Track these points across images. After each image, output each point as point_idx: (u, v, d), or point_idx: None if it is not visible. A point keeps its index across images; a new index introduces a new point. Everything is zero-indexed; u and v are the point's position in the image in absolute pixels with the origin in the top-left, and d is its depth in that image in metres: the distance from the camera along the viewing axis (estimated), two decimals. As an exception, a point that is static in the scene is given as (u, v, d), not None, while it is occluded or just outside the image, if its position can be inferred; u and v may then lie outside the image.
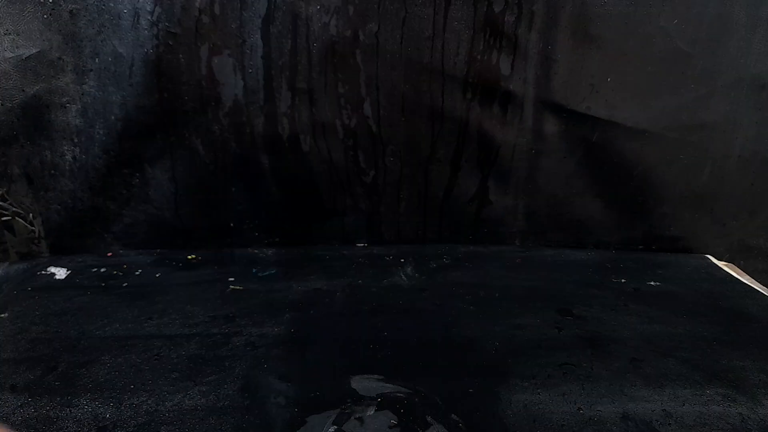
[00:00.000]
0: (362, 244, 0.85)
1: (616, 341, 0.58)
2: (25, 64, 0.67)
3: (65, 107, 0.71)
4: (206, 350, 0.54)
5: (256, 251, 0.81)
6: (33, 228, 0.75)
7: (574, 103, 0.77)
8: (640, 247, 0.88)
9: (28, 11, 0.66)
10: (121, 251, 0.79)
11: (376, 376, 0.51)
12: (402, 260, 0.79)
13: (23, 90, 0.68)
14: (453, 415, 0.46)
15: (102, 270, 0.73)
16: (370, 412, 0.46)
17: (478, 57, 0.74)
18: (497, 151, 0.80)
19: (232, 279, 0.71)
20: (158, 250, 0.80)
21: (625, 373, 0.52)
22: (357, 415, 0.45)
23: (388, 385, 0.49)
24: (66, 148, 0.73)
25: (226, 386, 0.48)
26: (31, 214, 0.75)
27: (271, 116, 0.75)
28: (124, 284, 0.69)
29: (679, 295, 0.71)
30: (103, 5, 0.68)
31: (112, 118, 0.72)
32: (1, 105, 0.68)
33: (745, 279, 0.77)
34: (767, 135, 0.80)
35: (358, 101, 0.76)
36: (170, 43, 0.70)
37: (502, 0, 0.72)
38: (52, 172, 0.73)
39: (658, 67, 0.75)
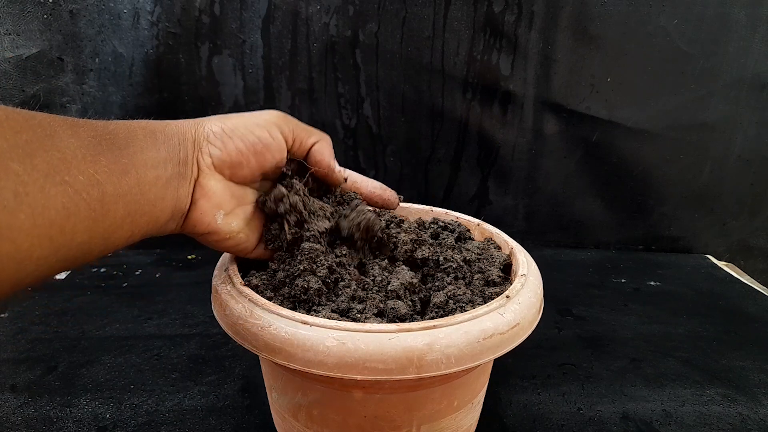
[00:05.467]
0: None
1: (616, 341, 0.58)
2: (25, 64, 0.67)
3: (65, 107, 0.71)
4: (206, 350, 0.54)
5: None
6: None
7: (574, 103, 0.77)
8: (640, 247, 0.88)
9: (28, 11, 0.66)
10: (121, 251, 0.79)
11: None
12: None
13: (23, 90, 0.68)
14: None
15: (102, 270, 0.73)
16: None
17: (478, 57, 0.74)
18: (497, 151, 0.80)
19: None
20: (158, 250, 0.80)
21: (625, 373, 0.52)
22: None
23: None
24: (66, 148, 0.73)
25: (226, 386, 0.48)
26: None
27: (271, 116, 0.75)
28: (124, 284, 0.69)
29: (679, 295, 0.71)
30: (103, 5, 0.68)
31: (112, 118, 0.72)
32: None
33: (745, 279, 0.77)
34: (767, 135, 0.80)
35: (358, 101, 0.76)
36: (170, 43, 0.70)
37: (502, 0, 0.72)
38: (52, 172, 0.73)
39: (658, 67, 0.75)
